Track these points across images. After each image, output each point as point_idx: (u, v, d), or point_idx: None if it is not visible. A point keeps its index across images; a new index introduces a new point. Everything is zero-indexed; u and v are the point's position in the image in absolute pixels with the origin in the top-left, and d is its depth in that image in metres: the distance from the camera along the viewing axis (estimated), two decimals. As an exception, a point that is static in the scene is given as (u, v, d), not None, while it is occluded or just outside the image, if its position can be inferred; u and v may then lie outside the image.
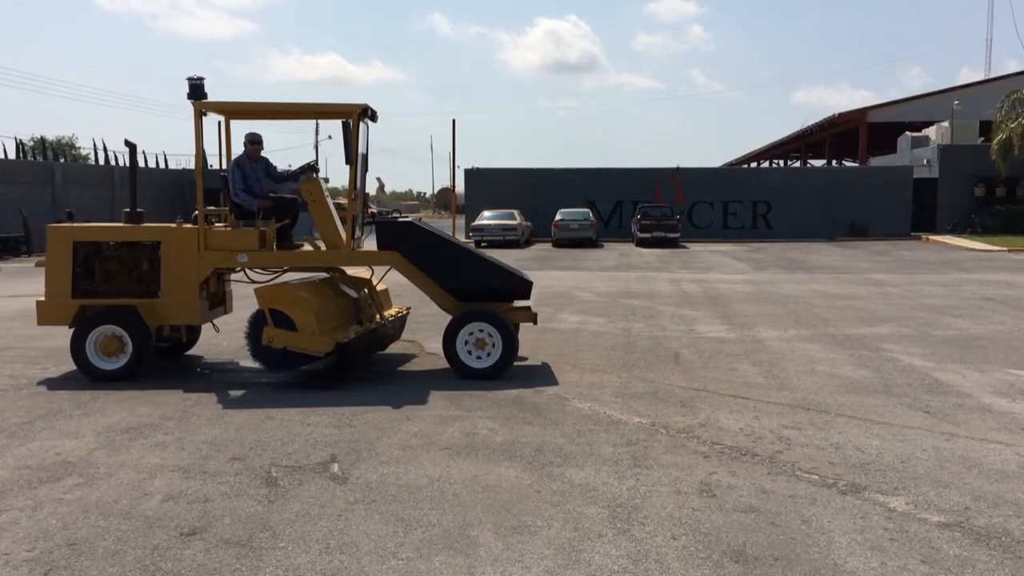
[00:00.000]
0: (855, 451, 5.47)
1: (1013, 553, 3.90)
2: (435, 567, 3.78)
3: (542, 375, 7.90)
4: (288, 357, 7.49)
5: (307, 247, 8.56)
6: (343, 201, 8.58)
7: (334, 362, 7.47)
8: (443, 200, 78.61)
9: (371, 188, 8.53)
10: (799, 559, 3.84)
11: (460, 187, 40.89)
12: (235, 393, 7.21)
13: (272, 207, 8.29)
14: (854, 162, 49.27)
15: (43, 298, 8.00)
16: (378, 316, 8.56)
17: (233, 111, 8.44)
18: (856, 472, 5.05)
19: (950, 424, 6.13)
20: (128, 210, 8.33)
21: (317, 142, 56.70)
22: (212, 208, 8.50)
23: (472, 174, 37.75)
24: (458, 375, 7.73)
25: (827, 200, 35.66)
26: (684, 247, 30.09)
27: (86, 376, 7.72)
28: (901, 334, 10.19)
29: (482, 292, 8.10)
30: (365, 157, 8.31)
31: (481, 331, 7.73)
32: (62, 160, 40.19)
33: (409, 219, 8.63)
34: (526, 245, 31.43)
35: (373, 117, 8.27)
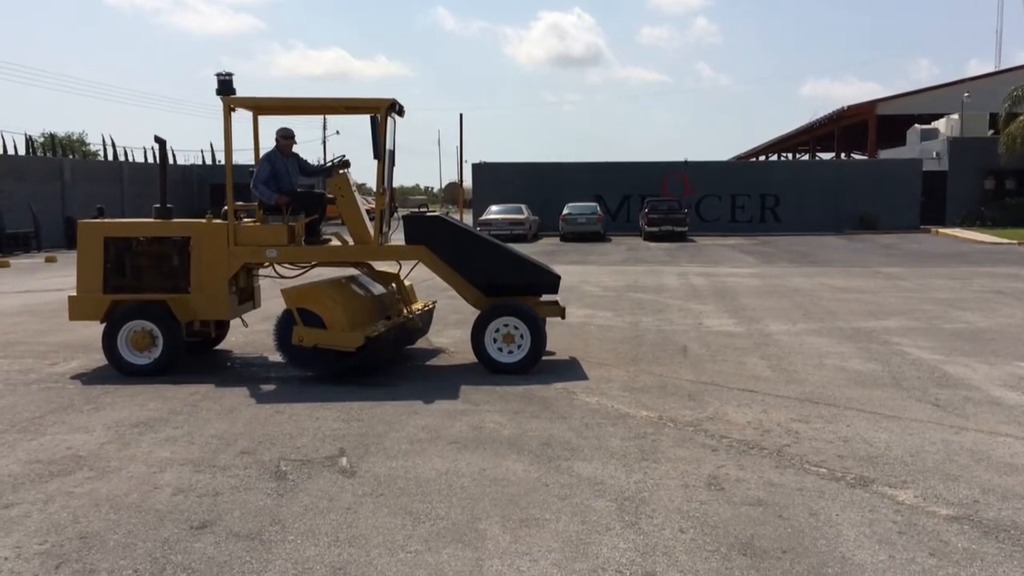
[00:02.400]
0: (863, 444, 5.46)
1: (1022, 546, 3.89)
2: (443, 560, 3.79)
3: (549, 369, 7.90)
4: (318, 355, 7.49)
5: (335, 242, 8.59)
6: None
7: (363, 358, 7.46)
8: (451, 195, 78.62)
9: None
10: (807, 552, 3.84)
11: (468, 182, 40.90)
12: (244, 387, 7.24)
13: (290, 202, 8.30)
14: (863, 155, 49.07)
15: (75, 293, 8.05)
16: (405, 311, 8.57)
17: (262, 107, 8.49)
18: (864, 465, 5.04)
19: (959, 417, 6.11)
20: (158, 206, 8.39)
21: (325, 137, 56.70)
22: (241, 204, 8.54)
23: (479, 168, 37.73)
24: (487, 370, 7.72)
25: (835, 193, 35.50)
26: (692, 241, 30.04)
27: (118, 371, 7.74)
28: (910, 327, 10.16)
29: (510, 286, 8.09)
30: (392, 153, 8.31)
31: (508, 326, 7.73)
32: (71, 156, 40.33)
33: (437, 213, 8.64)
34: (533, 239, 31.42)
35: (400, 112, 8.28)
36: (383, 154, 7.97)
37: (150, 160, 39.10)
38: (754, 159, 64.55)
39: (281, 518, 4.28)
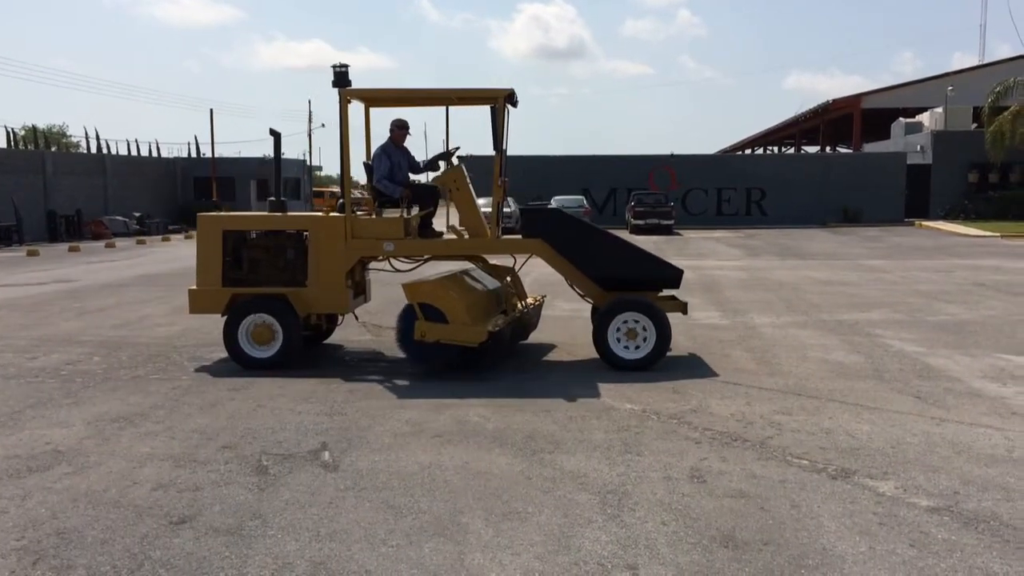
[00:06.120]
0: (845, 436, 5.48)
1: (1001, 537, 3.91)
2: (425, 554, 3.78)
3: (535, 363, 7.90)
4: (439, 350, 7.34)
5: (449, 235, 8.46)
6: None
7: (485, 353, 7.31)
8: (437, 188, 78.30)
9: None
10: (788, 543, 3.85)
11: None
12: (226, 382, 7.19)
13: (412, 196, 8.21)
14: (848, 148, 49.28)
15: (194, 287, 8.00)
16: (519, 304, 8.48)
17: (376, 98, 8.45)
18: (846, 457, 5.06)
19: (940, 409, 6.14)
20: (273, 199, 8.36)
21: (310, 130, 56.47)
22: (357, 196, 8.42)
23: (466, 162, 37.62)
24: (609, 366, 7.54)
25: (821, 186, 35.67)
26: (678, 234, 30.08)
27: (238, 364, 7.68)
28: (893, 319, 10.21)
29: (629, 281, 7.93)
30: (504, 148, 8.13)
31: (628, 322, 7.53)
32: (53, 149, 39.99)
33: (554, 206, 8.55)
34: (520, 233, 31.34)
35: (515, 103, 8.15)
36: (502, 145, 7.88)
37: (133, 152, 38.79)
38: (740, 152, 64.72)
39: (262, 513, 4.26)
